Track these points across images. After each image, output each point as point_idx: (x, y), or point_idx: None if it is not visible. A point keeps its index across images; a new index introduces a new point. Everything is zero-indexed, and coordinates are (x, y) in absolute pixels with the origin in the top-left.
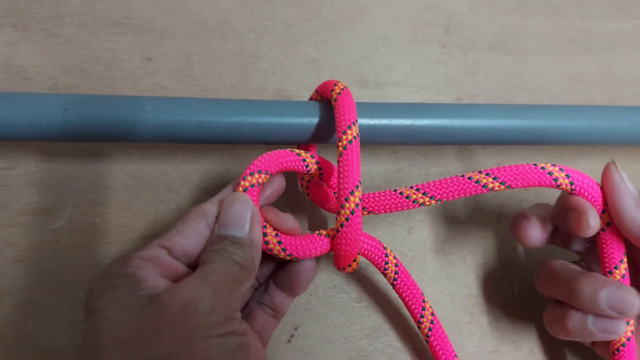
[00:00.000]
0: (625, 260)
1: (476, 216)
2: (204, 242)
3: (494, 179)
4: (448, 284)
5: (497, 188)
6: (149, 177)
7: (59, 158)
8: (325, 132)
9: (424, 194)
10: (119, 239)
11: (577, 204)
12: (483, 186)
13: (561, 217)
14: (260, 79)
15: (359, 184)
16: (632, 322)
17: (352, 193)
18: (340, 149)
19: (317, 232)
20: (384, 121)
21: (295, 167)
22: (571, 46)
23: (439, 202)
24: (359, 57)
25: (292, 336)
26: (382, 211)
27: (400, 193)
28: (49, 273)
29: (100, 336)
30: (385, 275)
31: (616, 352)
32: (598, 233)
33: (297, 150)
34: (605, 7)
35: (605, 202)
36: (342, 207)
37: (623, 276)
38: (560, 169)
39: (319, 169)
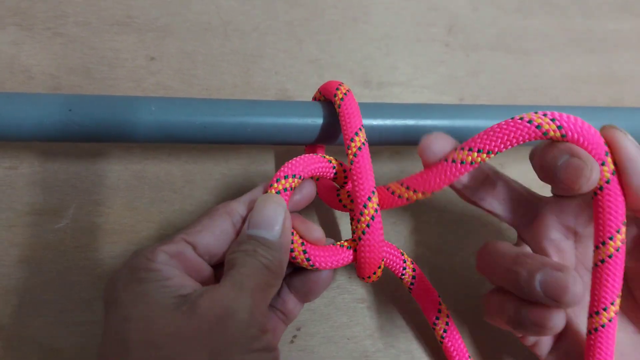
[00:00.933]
0: (623, 230)
1: (479, 216)
2: (228, 242)
3: (478, 151)
4: (449, 284)
5: (480, 159)
6: (153, 177)
7: (63, 158)
8: (330, 133)
9: (407, 188)
10: (123, 239)
11: (571, 151)
12: (467, 163)
13: (546, 170)
14: (263, 78)
15: (374, 190)
16: (617, 302)
17: (369, 199)
18: (351, 156)
19: (339, 243)
20: (387, 121)
21: (325, 173)
22: (573, 46)
23: (425, 196)
24: (362, 57)
25: (294, 337)
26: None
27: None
28: (54, 273)
29: (129, 335)
30: (402, 280)
31: (593, 332)
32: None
33: (328, 157)
34: (607, 7)
35: (606, 153)
36: (361, 214)
37: (618, 249)
38: (544, 114)
39: (345, 177)
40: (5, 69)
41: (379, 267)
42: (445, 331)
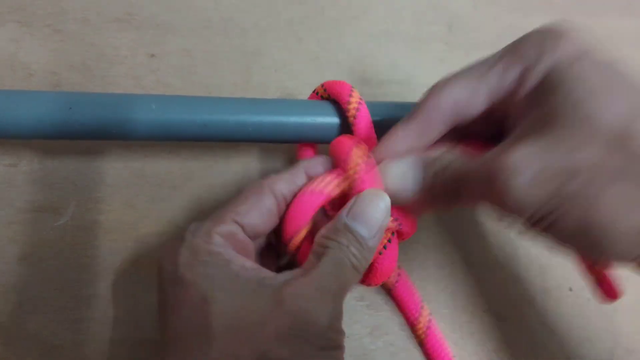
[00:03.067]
0: None
1: (478, 215)
2: (272, 220)
3: None
4: (449, 282)
5: None
6: (153, 175)
7: (63, 155)
8: (331, 132)
9: None
10: (123, 236)
11: None
12: None
13: None
14: (263, 76)
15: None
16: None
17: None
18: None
19: None
20: (386, 119)
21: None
22: None
23: None
24: (362, 55)
25: None
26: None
27: None
28: (53, 270)
29: (212, 320)
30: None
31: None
32: None
33: (318, 187)
34: (607, 6)
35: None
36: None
37: None
38: None
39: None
40: (5, 66)
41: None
42: (426, 335)
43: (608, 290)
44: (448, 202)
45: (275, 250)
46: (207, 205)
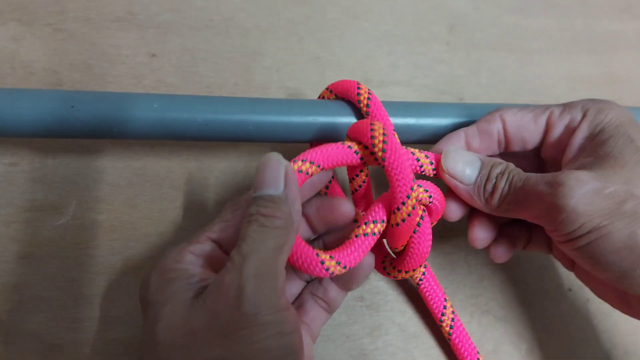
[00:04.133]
0: None
1: None
2: None
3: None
4: (449, 283)
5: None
6: (153, 175)
7: (64, 155)
8: (331, 131)
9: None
10: (123, 235)
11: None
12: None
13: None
14: (264, 76)
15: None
16: None
17: (408, 197)
18: (380, 153)
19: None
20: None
21: (350, 160)
22: (574, 47)
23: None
24: (363, 55)
25: None
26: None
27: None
28: (54, 269)
29: (159, 337)
30: (412, 277)
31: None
32: None
33: (349, 143)
34: (608, 8)
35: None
36: (403, 204)
37: None
38: (426, 156)
39: (375, 159)
40: (6, 64)
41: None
42: (451, 327)
43: None
44: (500, 208)
45: None
46: (208, 204)
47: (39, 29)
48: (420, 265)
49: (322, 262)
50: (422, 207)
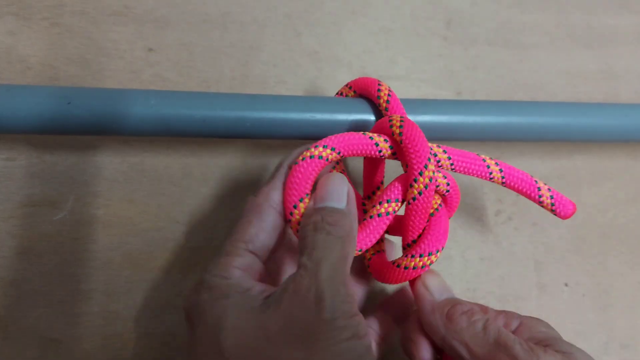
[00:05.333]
0: None
1: (474, 210)
2: (279, 234)
3: (500, 170)
4: (446, 278)
5: (497, 179)
6: (151, 170)
7: (61, 150)
8: (329, 128)
9: (444, 151)
10: (121, 231)
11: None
12: (489, 174)
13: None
14: (261, 71)
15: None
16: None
17: (425, 167)
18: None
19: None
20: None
21: (369, 151)
22: (571, 42)
23: (451, 164)
24: (361, 50)
25: None
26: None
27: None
28: (52, 265)
29: (224, 343)
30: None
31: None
32: None
33: (370, 134)
34: (606, 3)
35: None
36: (421, 174)
37: None
38: (496, 163)
39: (393, 153)
40: (3, 59)
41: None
42: None
43: None
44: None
45: None
46: (206, 200)
47: (36, 23)
48: (437, 252)
49: None
50: (439, 196)
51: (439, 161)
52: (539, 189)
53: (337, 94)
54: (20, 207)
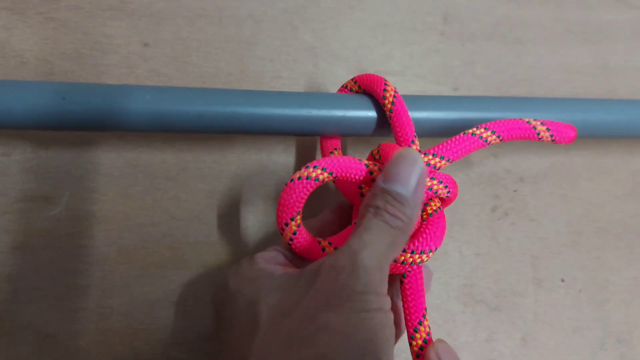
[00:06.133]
0: None
1: (471, 206)
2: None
3: (492, 132)
4: (442, 274)
5: (494, 141)
6: (147, 165)
7: (56, 145)
8: (326, 124)
9: (433, 155)
10: (117, 226)
11: None
12: (484, 140)
13: None
14: (257, 66)
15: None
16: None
17: (413, 142)
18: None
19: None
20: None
21: (357, 177)
22: (568, 37)
23: (447, 162)
24: (357, 45)
25: None
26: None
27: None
28: (48, 260)
29: (258, 314)
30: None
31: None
32: None
33: (366, 162)
34: None
35: None
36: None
37: None
38: (542, 123)
39: (334, 177)
40: None
41: None
42: (421, 348)
43: None
44: None
45: None
46: (201, 195)
47: (31, 17)
48: (430, 252)
49: (323, 250)
50: (438, 200)
51: (434, 166)
52: (534, 127)
53: (342, 86)
54: (15, 202)
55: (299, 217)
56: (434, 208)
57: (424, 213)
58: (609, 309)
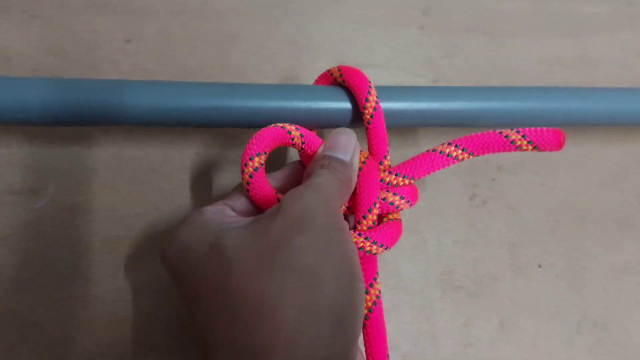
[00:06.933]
0: None
1: (450, 195)
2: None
3: (462, 150)
4: (421, 261)
5: (464, 157)
6: (131, 157)
7: (41, 139)
8: (307, 116)
9: (396, 175)
10: (102, 217)
11: None
12: (453, 158)
13: None
14: (240, 59)
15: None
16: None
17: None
18: (368, 117)
19: None
20: None
21: (284, 141)
22: (548, 29)
23: (412, 181)
24: (339, 38)
25: None
26: None
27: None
28: (33, 251)
29: (225, 252)
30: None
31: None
32: None
33: (281, 124)
34: None
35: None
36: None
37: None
38: (516, 131)
39: (302, 142)
40: None
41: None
42: (370, 310)
43: None
44: None
45: None
46: (185, 186)
47: (15, 15)
48: (387, 248)
49: (278, 200)
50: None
51: (396, 184)
52: (506, 136)
53: (326, 71)
54: (1, 195)
55: (262, 157)
56: (394, 217)
57: (385, 218)
58: (585, 294)
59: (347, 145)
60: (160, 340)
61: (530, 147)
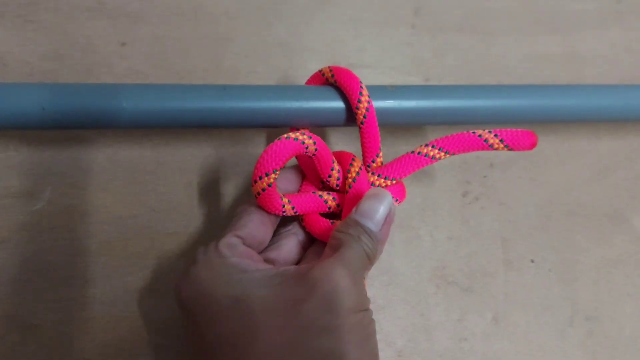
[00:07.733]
0: None
1: (443, 192)
2: (268, 230)
3: (439, 149)
4: (415, 257)
5: (441, 157)
6: (126, 160)
7: (37, 142)
8: (300, 116)
9: (379, 175)
10: (98, 219)
11: None
12: (431, 157)
13: None
14: (233, 61)
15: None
16: None
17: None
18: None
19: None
20: None
21: (299, 152)
22: (537, 27)
23: (394, 182)
24: (331, 39)
25: None
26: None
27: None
28: (31, 253)
29: (253, 314)
30: None
31: None
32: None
33: (294, 135)
34: None
35: None
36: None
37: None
38: (489, 131)
39: (315, 149)
40: None
41: None
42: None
43: None
44: None
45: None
46: (179, 187)
47: (10, 20)
48: None
49: (283, 206)
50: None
51: (380, 186)
52: (480, 136)
53: (318, 71)
54: None
55: (274, 175)
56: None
57: None
58: (577, 288)
59: (381, 213)
60: (157, 340)
61: (503, 147)
